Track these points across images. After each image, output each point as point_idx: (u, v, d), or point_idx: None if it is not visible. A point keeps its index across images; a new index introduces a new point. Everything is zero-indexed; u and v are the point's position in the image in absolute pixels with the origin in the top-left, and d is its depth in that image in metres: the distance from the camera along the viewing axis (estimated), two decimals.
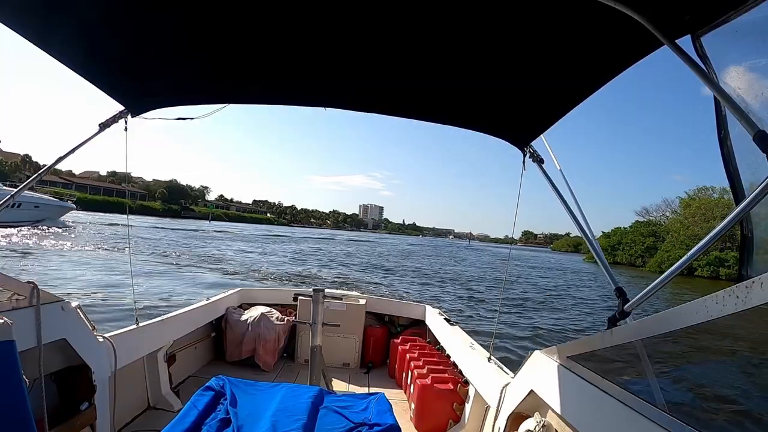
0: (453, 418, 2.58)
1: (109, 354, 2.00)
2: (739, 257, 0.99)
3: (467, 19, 1.24)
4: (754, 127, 0.82)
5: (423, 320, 3.78)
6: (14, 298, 1.58)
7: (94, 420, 1.89)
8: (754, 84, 0.93)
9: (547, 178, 1.94)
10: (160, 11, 1.31)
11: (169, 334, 2.65)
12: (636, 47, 1.21)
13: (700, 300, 1.01)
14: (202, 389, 1.53)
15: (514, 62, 1.46)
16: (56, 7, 1.27)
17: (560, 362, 1.54)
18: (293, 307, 3.74)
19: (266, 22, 1.35)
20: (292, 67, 1.67)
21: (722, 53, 0.99)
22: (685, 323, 1.08)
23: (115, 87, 1.85)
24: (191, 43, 1.54)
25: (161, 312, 2.78)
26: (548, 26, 1.23)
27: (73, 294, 8.15)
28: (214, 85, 1.97)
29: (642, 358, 1.33)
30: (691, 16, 1.00)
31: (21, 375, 1.28)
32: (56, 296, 1.77)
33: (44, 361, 1.56)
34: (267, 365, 3.40)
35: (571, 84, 1.55)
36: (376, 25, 1.34)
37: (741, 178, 1.00)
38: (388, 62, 1.58)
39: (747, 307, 0.88)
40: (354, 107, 2.09)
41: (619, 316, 1.34)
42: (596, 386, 1.32)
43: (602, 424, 1.27)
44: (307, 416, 1.40)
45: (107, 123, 1.92)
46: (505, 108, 1.88)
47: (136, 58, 1.64)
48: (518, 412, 1.81)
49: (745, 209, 0.89)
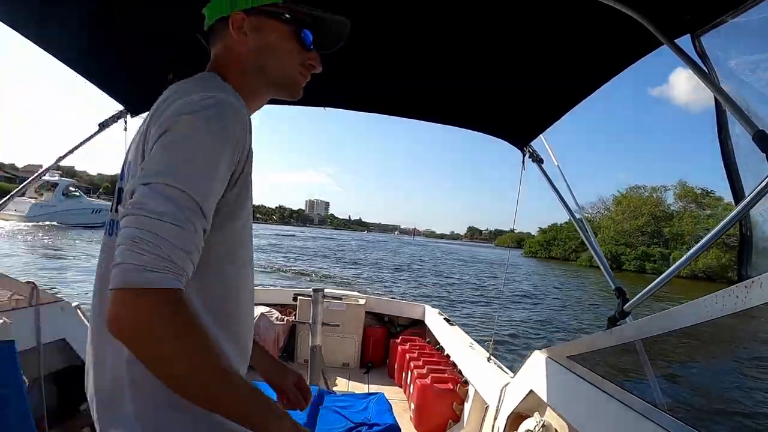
0: (453, 418, 2.58)
1: None
2: (738, 257, 0.99)
3: (466, 18, 1.24)
4: (753, 127, 0.82)
5: (423, 320, 3.77)
6: (14, 298, 1.58)
7: (94, 420, 1.89)
8: (754, 83, 0.93)
9: (547, 178, 1.94)
10: (160, 9, 1.31)
11: None
12: (635, 47, 1.21)
13: (700, 300, 1.01)
14: None
15: (514, 61, 1.46)
16: (55, 5, 1.27)
17: (560, 362, 1.54)
18: (293, 307, 3.74)
19: None
20: None
21: (722, 53, 0.99)
22: (685, 323, 1.08)
23: (115, 86, 1.85)
24: (191, 43, 1.53)
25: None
26: (547, 25, 1.23)
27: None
28: None
29: (642, 358, 1.33)
30: (691, 15, 1.00)
31: (21, 375, 1.28)
32: (56, 296, 1.77)
33: (44, 361, 1.56)
34: None
35: (571, 83, 1.55)
36: (376, 25, 1.34)
37: (741, 177, 1.00)
38: (388, 62, 1.58)
39: (747, 307, 0.88)
40: (354, 107, 2.09)
41: (619, 316, 1.35)
42: (596, 386, 1.32)
43: (602, 424, 1.27)
44: (306, 416, 1.40)
45: (107, 122, 1.92)
46: (505, 108, 1.88)
47: (136, 57, 1.63)
48: (518, 412, 1.81)
49: (745, 209, 0.90)
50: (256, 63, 0.73)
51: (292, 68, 0.75)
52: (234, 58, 0.72)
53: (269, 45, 0.72)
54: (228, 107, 0.59)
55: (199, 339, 0.51)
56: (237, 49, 0.72)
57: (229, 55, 0.73)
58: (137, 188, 0.52)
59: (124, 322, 0.48)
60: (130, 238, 0.48)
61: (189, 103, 0.57)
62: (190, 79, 0.66)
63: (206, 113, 0.56)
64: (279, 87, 0.77)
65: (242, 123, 0.60)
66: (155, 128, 0.57)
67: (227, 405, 0.53)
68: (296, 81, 0.77)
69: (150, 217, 0.49)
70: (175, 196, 0.50)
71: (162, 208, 0.49)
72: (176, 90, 0.62)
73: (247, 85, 0.72)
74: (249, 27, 0.71)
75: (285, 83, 0.77)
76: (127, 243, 0.48)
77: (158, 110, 0.60)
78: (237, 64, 0.72)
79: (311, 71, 0.78)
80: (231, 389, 0.53)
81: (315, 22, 0.75)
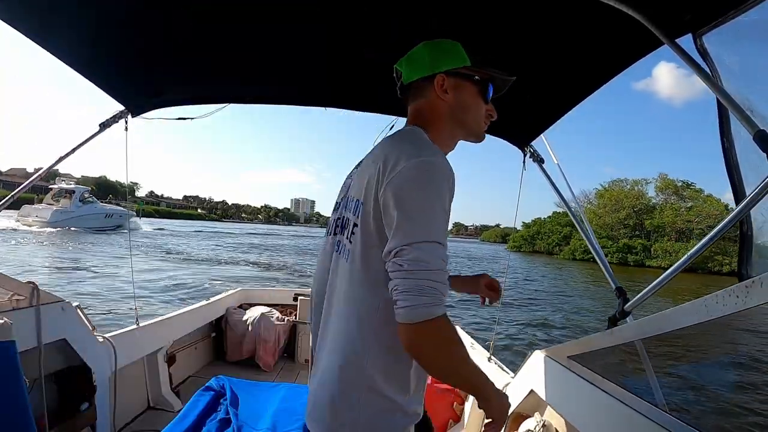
0: (453, 418, 2.58)
1: (110, 354, 2.00)
2: (738, 257, 0.99)
3: (467, 18, 1.24)
4: (754, 127, 0.82)
5: None
6: (14, 299, 1.58)
7: (94, 420, 1.89)
8: (756, 83, 0.93)
9: (548, 178, 1.94)
10: (161, 10, 1.31)
11: (169, 335, 2.65)
12: (636, 46, 1.21)
13: (700, 300, 1.01)
14: (202, 389, 1.53)
15: (515, 61, 1.46)
16: (57, 5, 1.27)
17: (560, 362, 1.54)
18: (293, 307, 3.74)
19: (267, 21, 1.35)
20: (292, 66, 1.67)
21: (723, 52, 0.99)
22: (685, 323, 1.08)
23: (116, 86, 1.85)
24: (192, 43, 1.53)
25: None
26: (548, 25, 1.22)
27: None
28: (215, 85, 1.97)
29: (642, 358, 1.33)
30: (692, 15, 1.00)
31: (21, 375, 1.28)
32: (56, 296, 1.77)
33: (44, 361, 1.56)
34: (267, 365, 3.40)
35: (571, 83, 1.55)
36: (377, 25, 1.34)
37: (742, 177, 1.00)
38: (389, 62, 1.58)
39: (747, 306, 0.88)
40: (354, 107, 2.09)
41: (619, 316, 1.35)
42: (596, 386, 1.32)
43: (602, 424, 1.27)
44: None
45: (107, 123, 1.92)
46: (505, 107, 1.88)
47: (137, 58, 1.63)
48: (518, 412, 1.81)
49: (746, 209, 0.90)
50: (456, 119, 0.90)
51: (481, 120, 0.94)
52: (437, 115, 0.89)
53: (465, 102, 0.90)
54: (443, 169, 0.75)
55: (461, 343, 0.72)
56: (439, 106, 0.89)
57: (432, 111, 0.90)
58: (405, 248, 0.70)
59: (425, 346, 0.70)
60: (418, 287, 0.68)
61: (415, 170, 0.74)
62: (404, 136, 0.86)
63: (429, 177, 0.74)
64: (471, 135, 0.95)
65: (451, 179, 0.76)
66: (389, 188, 0.74)
67: (473, 384, 0.78)
68: (483, 129, 0.96)
69: (426, 270, 0.68)
70: (435, 248, 0.70)
71: (431, 260, 0.69)
72: (399, 150, 0.78)
73: (446, 137, 0.91)
74: (449, 86, 0.88)
75: (476, 132, 0.95)
76: (415, 290, 0.68)
77: (385, 169, 0.76)
78: (439, 120, 0.89)
79: (490, 120, 0.96)
80: (477, 373, 0.77)
81: (494, 80, 0.92)
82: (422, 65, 0.89)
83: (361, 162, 0.93)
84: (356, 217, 0.82)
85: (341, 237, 0.87)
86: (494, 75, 0.92)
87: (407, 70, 0.92)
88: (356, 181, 0.87)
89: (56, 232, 23.55)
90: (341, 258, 0.84)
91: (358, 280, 0.79)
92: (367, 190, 0.79)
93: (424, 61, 0.89)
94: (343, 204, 0.90)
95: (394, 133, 0.91)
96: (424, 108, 0.90)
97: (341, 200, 0.93)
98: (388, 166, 0.75)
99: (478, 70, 0.90)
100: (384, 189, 0.75)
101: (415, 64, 0.90)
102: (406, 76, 0.92)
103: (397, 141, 0.83)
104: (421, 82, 0.89)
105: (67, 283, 9.85)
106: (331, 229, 0.92)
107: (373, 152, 0.87)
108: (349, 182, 0.92)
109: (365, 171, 0.83)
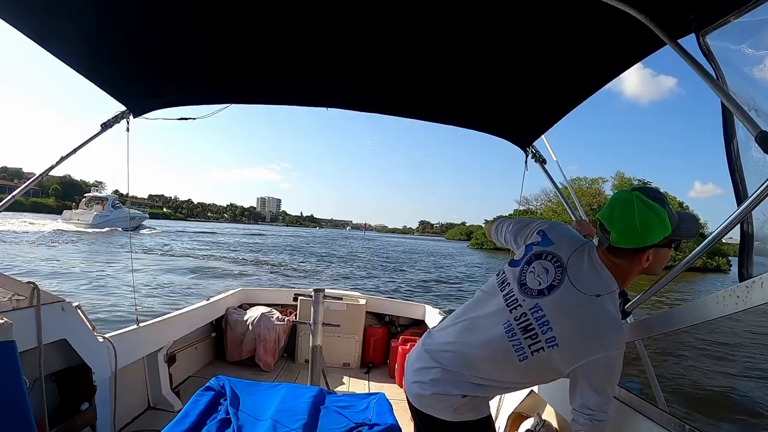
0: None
1: (110, 354, 2.00)
2: (739, 257, 0.99)
3: (469, 18, 1.24)
4: (756, 128, 0.82)
5: (423, 320, 3.77)
6: (14, 299, 1.57)
7: (95, 420, 1.89)
8: (758, 84, 0.93)
9: (550, 178, 1.94)
10: (162, 10, 1.31)
11: (169, 335, 2.65)
12: (638, 47, 1.21)
13: (700, 300, 1.01)
14: (202, 389, 1.52)
15: (517, 61, 1.46)
16: (58, 6, 1.27)
17: None
18: (293, 307, 3.74)
19: (268, 21, 1.35)
20: (293, 66, 1.67)
21: (726, 53, 0.98)
22: (685, 323, 1.08)
23: (117, 87, 1.84)
24: (193, 43, 1.53)
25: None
26: (551, 25, 1.22)
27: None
28: (216, 85, 1.96)
29: (642, 358, 1.33)
30: (696, 15, 1.00)
31: (21, 375, 1.28)
32: (57, 296, 1.76)
33: (44, 361, 1.56)
34: (267, 365, 3.40)
35: (574, 83, 1.55)
36: (378, 25, 1.34)
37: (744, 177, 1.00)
38: (390, 62, 1.58)
39: (747, 306, 0.88)
40: (354, 107, 2.08)
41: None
42: None
43: None
44: (307, 416, 1.40)
45: (109, 123, 1.92)
46: (507, 107, 1.88)
47: (138, 58, 1.63)
48: (518, 412, 1.81)
49: (748, 209, 0.89)
50: (645, 271, 1.08)
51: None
52: (631, 272, 1.08)
53: (659, 262, 1.06)
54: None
55: None
56: (636, 268, 1.07)
57: (629, 270, 1.08)
58: (597, 402, 1.00)
59: None
60: (596, 428, 1.01)
61: (619, 342, 1.01)
62: (612, 299, 1.05)
63: (623, 348, 1.02)
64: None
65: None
66: (600, 345, 1.00)
67: None
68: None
69: (601, 424, 1.01)
70: (609, 410, 1.02)
71: (605, 419, 1.01)
72: (611, 319, 1.03)
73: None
74: (651, 253, 1.03)
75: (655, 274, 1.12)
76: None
77: (599, 332, 1.02)
78: (631, 276, 1.10)
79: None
80: None
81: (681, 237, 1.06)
82: (641, 239, 1.02)
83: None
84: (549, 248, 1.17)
85: (521, 301, 1.15)
86: (685, 234, 1.05)
87: (621, 239, 1.05)
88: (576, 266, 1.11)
89: (99, 233, 29.47)
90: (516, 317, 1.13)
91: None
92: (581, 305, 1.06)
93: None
94: (538, 254, 1.18)
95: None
96: (622, 267, 1.08)
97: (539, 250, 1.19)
98: (601, 330, 1.03)
99: (680, 240, 1.07)
100: (594, 350, 1.02)
101: (637, 236, 1.03)
102: (616, 242, 1.06)
103: (610, 308, 1.06)
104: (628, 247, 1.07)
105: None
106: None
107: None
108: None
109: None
